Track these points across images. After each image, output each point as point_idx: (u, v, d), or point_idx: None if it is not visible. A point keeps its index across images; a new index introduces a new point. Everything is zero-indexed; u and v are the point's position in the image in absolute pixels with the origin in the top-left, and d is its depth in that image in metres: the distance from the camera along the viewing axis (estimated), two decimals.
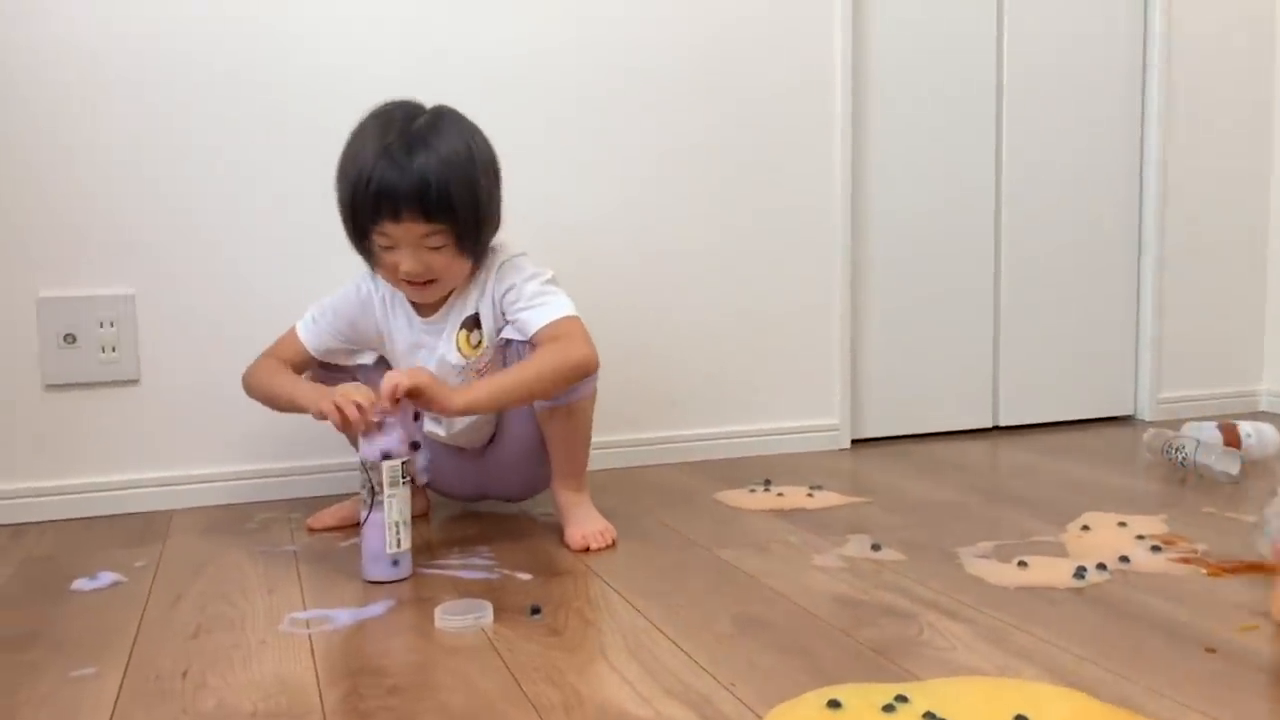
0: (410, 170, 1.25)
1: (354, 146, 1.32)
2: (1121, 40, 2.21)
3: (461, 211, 1.28)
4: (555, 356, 1.31)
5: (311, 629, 1.10)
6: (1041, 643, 1.02)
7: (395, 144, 1.26)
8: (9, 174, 1.55)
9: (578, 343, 1.32)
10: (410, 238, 1.28)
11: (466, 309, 1.40)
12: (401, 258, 1.30)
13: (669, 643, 1.04)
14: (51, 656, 1.04)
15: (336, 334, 1.44)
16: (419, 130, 1.28)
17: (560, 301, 1.35)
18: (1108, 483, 1.74)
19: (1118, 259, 2.26)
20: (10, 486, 1.58)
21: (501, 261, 1.39)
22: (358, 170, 1.28)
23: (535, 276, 1.37)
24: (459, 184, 1.27)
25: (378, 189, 1.25)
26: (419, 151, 1.26)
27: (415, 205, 1.26)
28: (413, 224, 1.27)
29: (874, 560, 1.30)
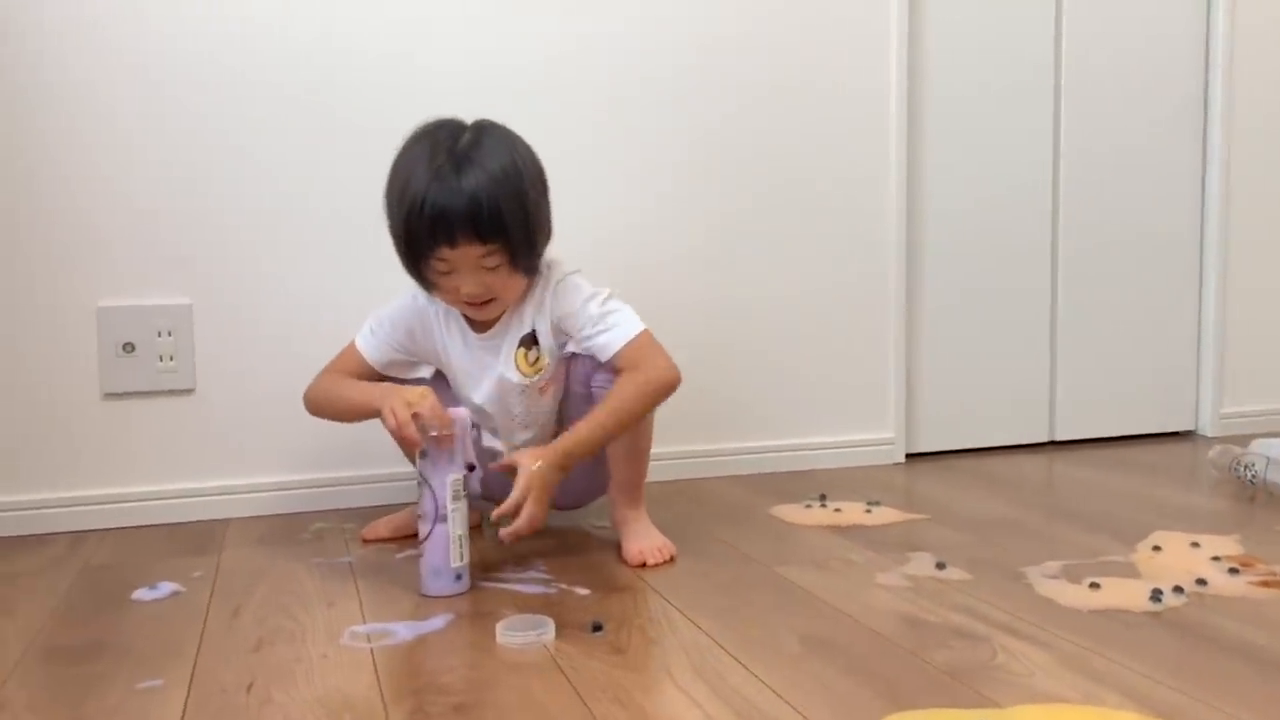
0: (462, 193, 1.23)
1: (402, 172, 1.29)
2: (1183, 38, 2.17)
3: (514, 229, 1.26)
4: (640, 386, 1.32)
5: (372, 643, 1.09)
6: (1124, 669, 0.99)
7: (445, 166, 1.24)
8: (70, 185, 1.57)
9: (658, 362, 1.33)
10: (467, 261, 1.27)
11: (523, 326, 1.38)
12: (461, 281, 1.29)
13: (735, 663, 1.01)
14: (117, 668, 1.03)
15: (396, 345, 1.42)
16: (465, 149, 1.26)
17: (627, 319, 1.35)
18: (1173, 500, 1.69)
19: (1179, 266, 2.21)
20: (69, 494, 1.59)
21: (558, 280, 1.37)
22: (410, 197, 1.25)
23: (594, 296, 1.36)
24: (509, 201, 1.25)
25: (432, 216, 1.24)
26: (468, 172, 1.24)
27: (470, 228, 1.24)
28: (469, 247, 1.25)
29: (939, 579, 1.27)
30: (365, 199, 1.66)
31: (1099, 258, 2.14)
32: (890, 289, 1.98)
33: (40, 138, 1.55)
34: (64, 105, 1.56)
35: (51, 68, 1.55)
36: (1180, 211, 2.20)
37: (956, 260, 2.04)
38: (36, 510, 1.57)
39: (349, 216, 1.68)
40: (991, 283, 2.07)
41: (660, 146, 1.83)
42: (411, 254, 1.29)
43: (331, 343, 1.62)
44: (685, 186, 1.85)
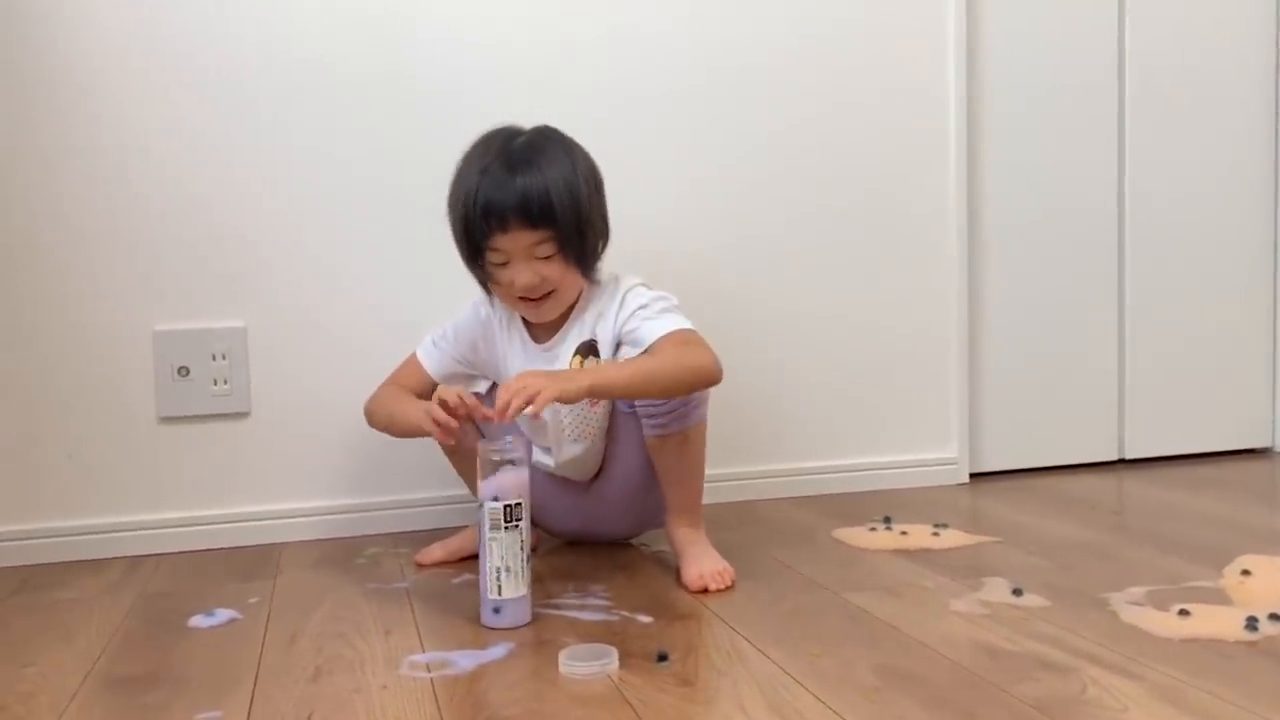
0: (513, 181, 1.27)
1: (460, 174, 1.34)
2: (1253, 41, 2.09)
3: (563, 215, 1.28)
4: (679, 355, 1.29)
5: (432, 673, 1.06)
6: (1223, 703, 0.93)
7: (496, 162, 1.29)
8: (128, 211, 1.57)
9: (701, 349, 1.30)
10: (519, 248, 1.29)
11: (583, 334, 1.37)
12: (516, 272, 1.30)
13: (810, 696, 0.97)
14: (175, 698, 1.01)
15: (458, 358, 1.44)
16: (518, 147, 1.31)
17: (681, 319, 1.34)
18: (1256, 521, 1.62)
19: (1253, 276, 2.13)
20: (125, 519, 1.59)
21: (626, 290, 1.37)
22: (465, 192, 1.30)
23: (659, 299, 1.36)
24: (559, 188, 1.28)
25: (484, 203, 1.27)
26: (519, 164, 1.28)
27: (519, 213, 1.27)
28: (519, 232, 1.27)
29: (1017, 606, 1.22)
30: (419, 218, 1.66)
31: (1168, 268, 2.07)
32: (952, 302, 1.92)
33: (97, 160, 1.56)
34: (122, 131, 1.56)
35: (107, 91, 1.56)
36: (1254, 219, 2.12)
37: (1020, 272, 1.98)
38: (93, 535, 1.57)
39: (402, 237, 1.67)
40: (1056, 295, 2.01)
41: (720, 156, 1.80)
42: (469, 247, 1.32)
43: (385, 363, 1.60)
44: (741, 197, 1.81)
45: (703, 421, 1.37)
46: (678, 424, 1.33)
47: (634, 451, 1.39)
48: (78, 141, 1.55)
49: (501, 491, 1.18)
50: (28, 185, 1.54)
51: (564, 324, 1.39)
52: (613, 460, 1.43)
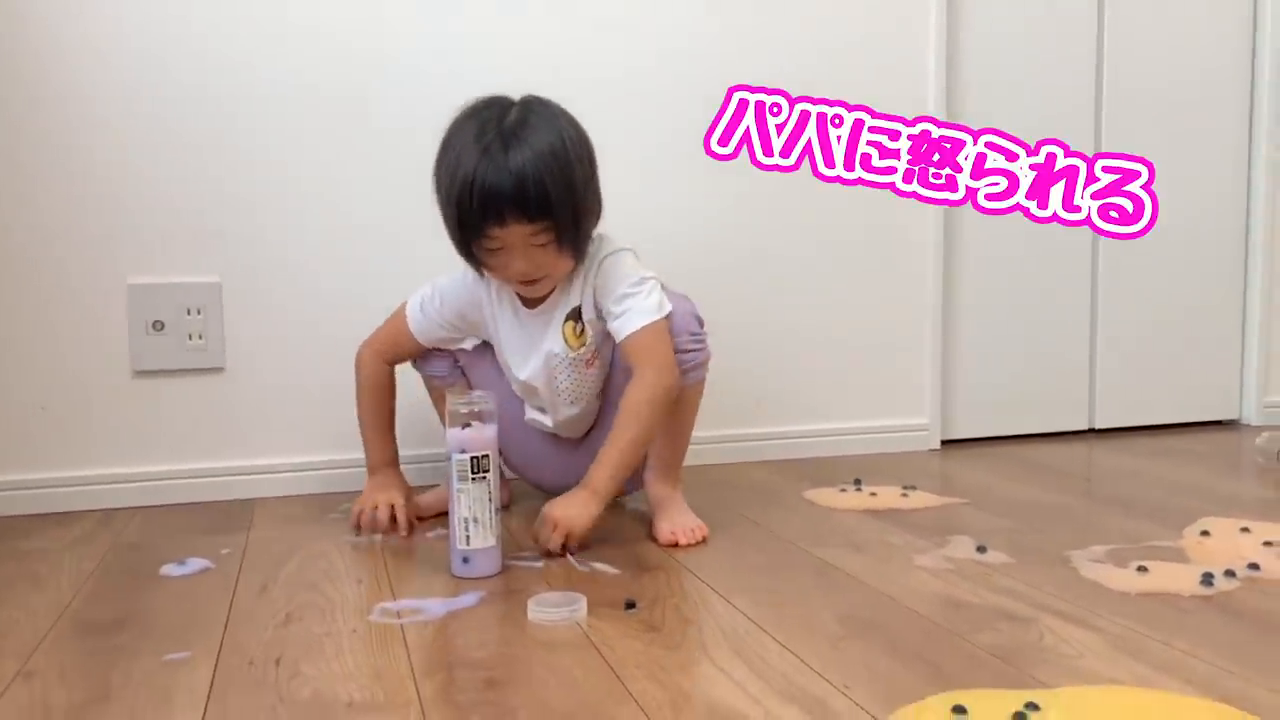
0: (510, 172, 1.22)
1: (451, 151, 1.28)
2: (1226, 33, 2.11)
3: (561, 208, 1.25)
4: (645, 405, 1.29)
5: (403, 619, 1.07)
6: (1176, 652, 0.95)
7: (493, 145, 1.23)
8: (100, 163, 1.56)
9: (655, 365, 1.30)
10: (517, 239, 1.26)
11: (570, 301, 1.37)
12: (511, 259, 1.28)
13: (775, 643, 0.99)
14: (144, 640, 1.02)
15: (444, 324, 1.43)
16: (512, 127, 1.25)
17: (643, 305, 1.31)
18: (1219, 488, 1.65)
19: (1223, 251, 2.16)
20: (99, 472, 1.58)
21: (604, 256, 1.35)
22: (460, 178, 1.24)
23: (627, 278, 1.33)
24: (556, 179, 1.24)
25: (482, 196, 1.23)
26: (515, 150, 1.23)
27: (518, 208, 1.23)
28: (517, 226, 1.24)
29: (980, 562, 1.24)
30: (397, 178, 1.66)
31: (1141, 242, 2.08)
32: (927, 272, 1.94)
33: (70, 118, 1.55)
34: (96, 84, 1.55)
35: (80, 48, 1.54)
36: (1225, 196, 2.15)
37: (994, 244, 2.00)
38: (66, 488, 1.57)
39: (381, 195, 1.66)
40: (1029, 267, 2.03)
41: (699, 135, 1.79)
42: (462, 233, 1.28)
43: (361, 322, 1.60)
44: (719, 172, 1.81)
45: (699, 383, 1.39)
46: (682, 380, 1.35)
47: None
48: (51, 94, 1.54)
49: (469, 444, 1.18)
50: (0, 139, 1.53)
51: (553, 291, 1.37)
52: (605, 417, 1.43)
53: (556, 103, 1.32)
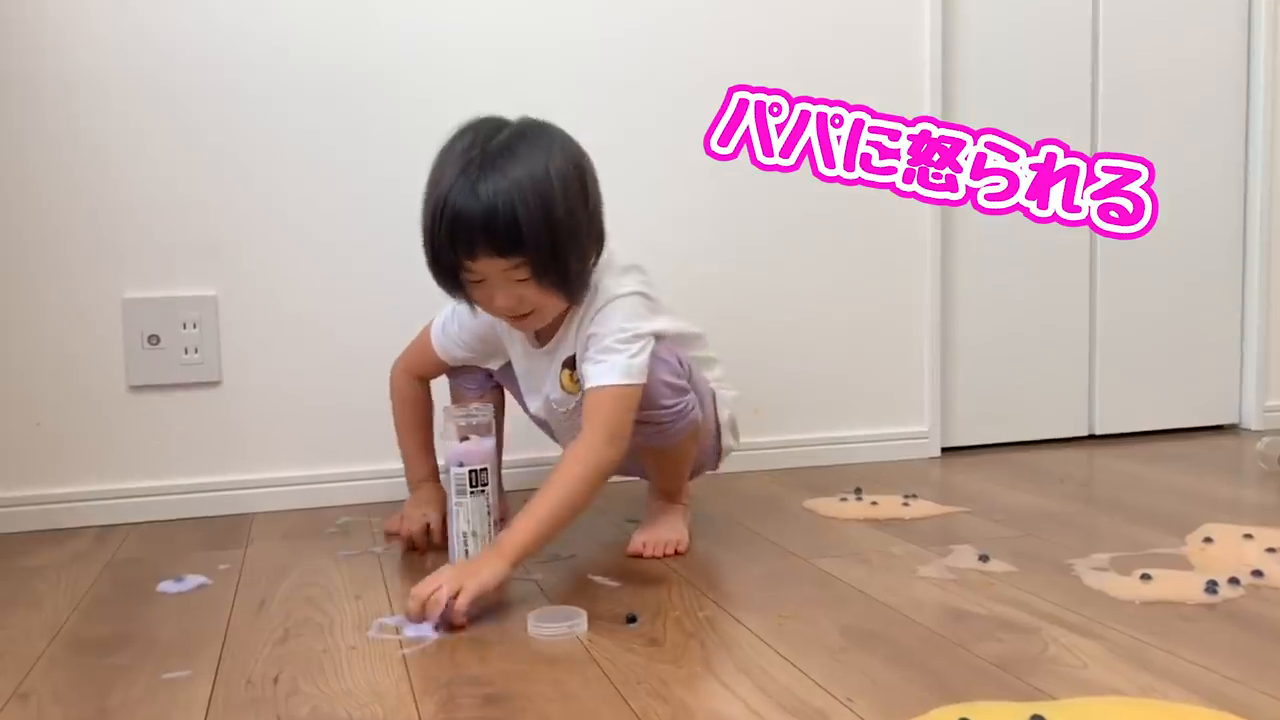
0: (479, 202, 1.13)
1: (435, 172, 1.20)
2: (1223, 32, 2.11)
3: (535, 243, 1.14)
4: (578, 476, 1.17)
5: (401, 634, 1.06)
6: (1181, 661, 0.94)
7: (471, 168, 1.14)
8: (95, 177, 1.56)
9: (600, 433, 1.18)
10: (493, 271, 1.17)
11: (568, 348, 1.30)
12: (492, 294, 1.19)
13: (777, 656, 0.98)
14: (142, 659, 1.01)
15: (464, 345, 1.40)
16: (494, 152, 1.15)
17: (617, 364, 1.20)
18: (1220, 494, 1.64)
19: (1222, 256, 2.16)
20: (95, 488, 1.57)
21: (605, 303, 1.25)
22: (433, 202, 1.16)
23: (620, 331, 1.22)
24: (531, 213, 1.13)
25: (450, 225, 1.14)
26: (491, 177, 1.13)
27: (486, 241, 1.14)
28: (489, 260, 1.15)
29: (983, 571, 1.23)
30: (393, 191, 1.65)
31: (1139, 247, 2.08)
32: (926, 280, 1.94)
33: (66, 130, 1.54)
34: (90, 98, 1.55)
35: (76, 59, 1.54)
36: (1223, 200, 2.15)
37: (993, 250, 2.00)
38: (62, 504, 1.56)
39: (376, 208, 1.66)
40: (1029, 273, 2.03)
41: (696, 142, 1.79)
42: (438, 264, 1.19)
43: (358, 336, 1.61)
44: (715, 178, 1.81)
45: (689, 436, 1.32)
46: (660, 440, 1.29)
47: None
48: (44, 113, 1.53)
49: (467, 457, 1.18)
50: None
51: (563, 323, 1.29)
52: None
53: (558, 128, 1.23)
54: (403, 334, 1.50)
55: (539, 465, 1.65)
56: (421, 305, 1.66)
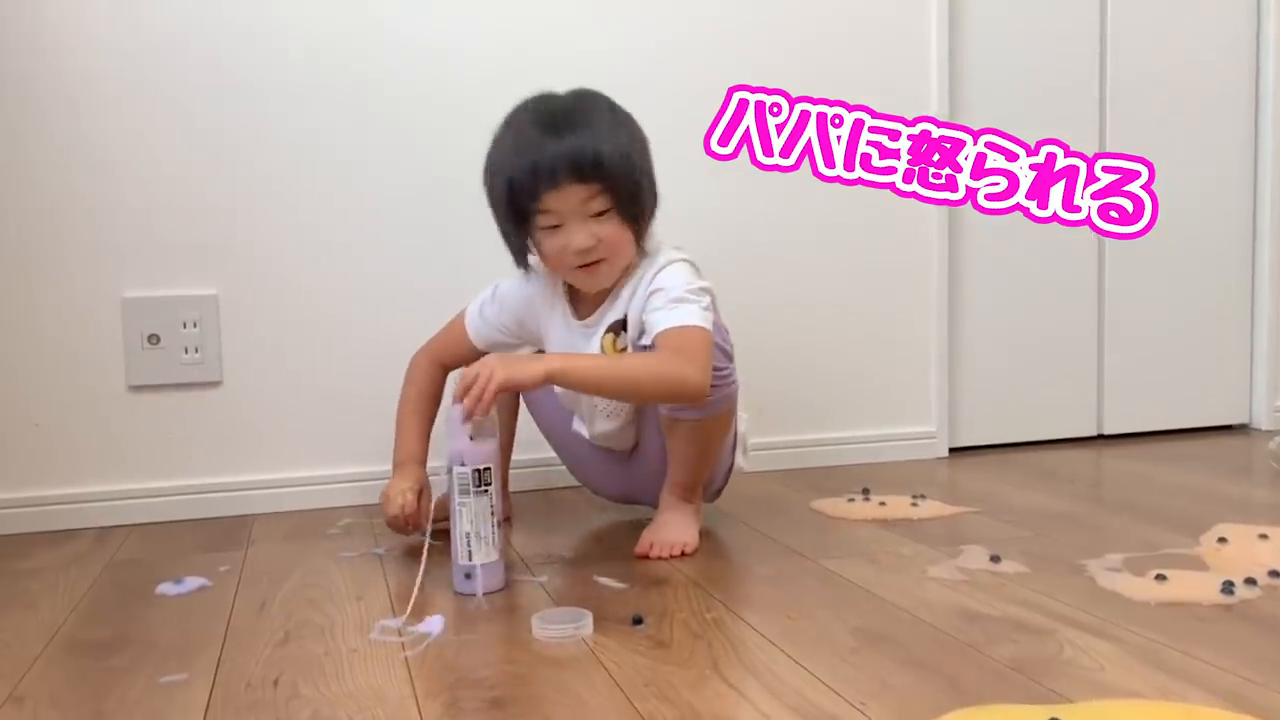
0: (559, 136, 1.22)
1: (501, 140, 1.29)
2: (1230, 32, 2.10)
3: (614, 167, 1.23)
4: (661, 365, 1.21)
5: (404, 636, 1.04)
6: (1198, 662, 0.92)
7: (539, 121, 1.24)
8: (95, 177, 1.54)
9: (691, 361, 1.21)
10: (572, 206, 1.23)
11: (615, 312, 1.32)
12: (570, 235, 1.24)
13: (786, 658, 0.96)
14: (140, 661, 1.00)
15: (502, 328, 1.40)
16: (561, 107, 1.27)
17: (692, 310, 1.25)
18: (1232, 493, 1.62)
19: (1231, 255, 2.14)
20: (94, 489, 1.56)
21: (659, 267, 1.30)
22: (511, 155, 1.25)
23: (688, 284, 1.27)
24: (609, 144, 1.23)
25: (533, 161, 1.22)
26: (564, 121, 1.24)
27: (571, 167, 1.21)
28: (571, 188, 1.22)
29: (994, 572, 1.21)
30: (395, 191, 1.64)
31: (1147, 247, 2.05)
32: (933, 280, 1.92)
33: (65, 130, 1.53)
34: (89, 97, 1.53)
35: (75, 58, 1.52)
36: (1232, 199, 2.13)
37: (1000, 249, 1.98)
38: (61, 505, 1.54)
39: (378, 208, 1.64)
40: (1036, 272, 2.01)
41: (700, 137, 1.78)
42: (515, 212, 1.25)
43: (359, 335, 1.59)
44: (725, 180, 1.79)
45: (725, 414, 1.33)
46: (691, 411, 1.29)
47: (658, 433, 1.37)
48: (44, 112, 1.52)
49: (470, 457, 1.16)
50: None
51: (606, 299, 1.33)
52: (644, 439, 1.40)
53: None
54: (404, 332, 1.48)
55: (546, 466, 1.64)
56: (423, 304, 1.66)
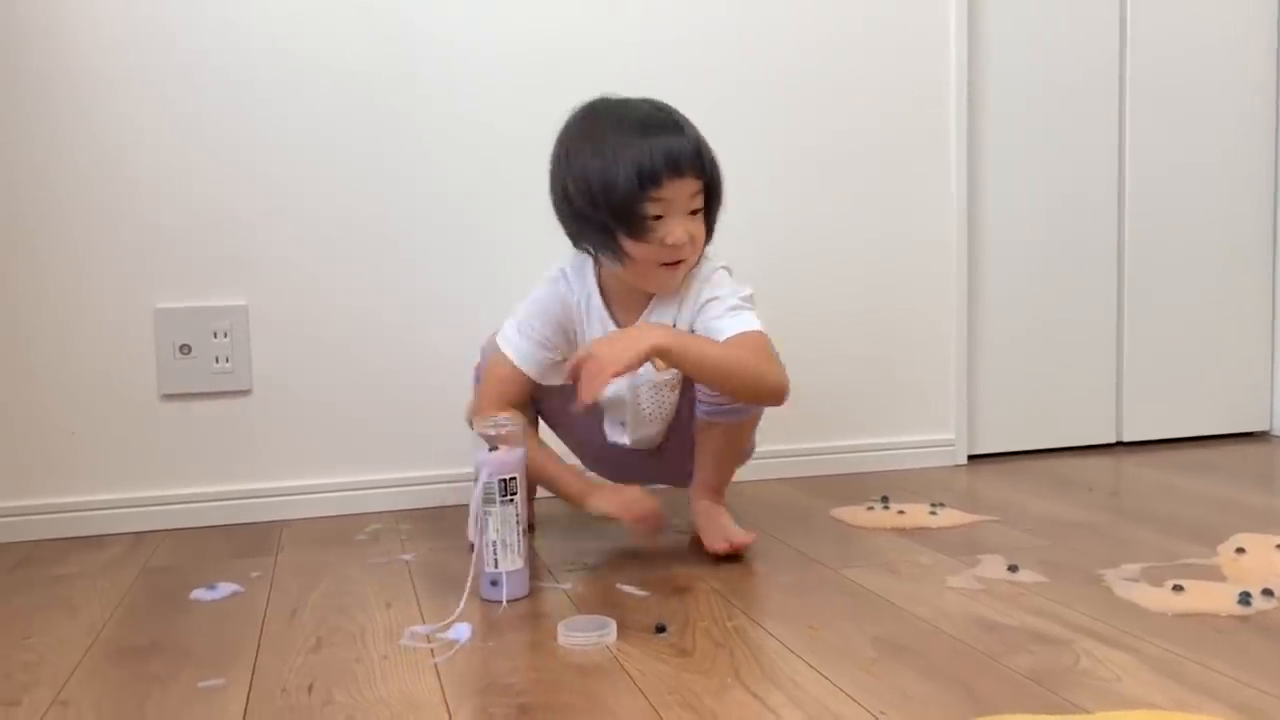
0: (679, 129, 1.26)
1: (595, 135, 1.27)
2: (1253, 28, 2.10)
3: (712, 169, 1.29)
4: (758, 361, 1.26)
5: (433, 643, 1.07)
6: (1215, 674, 0.94)
7: (637, 122, 1.26)
8: (128, 190, 1.58)
9: (773, 362, 1.28)
10: (683, 198, 1.26)
11: (662, 317, 1.34)
12: (671, 227, 1.25)
13: (807, 667, 0.98)
14: (177, 667, 1.02)
15: (547, 344, 1.36)
16: (647, 110, 1.29)
17: (752, 317, 1.31)
18: (1252, 502, 1.63)
19: (1251, 260, 2.14)
20: (128, 495, 1.59)
21: (713, 269, 1.35)
22: (624, 145, 1.23)
23: (737, 292, 1.33)
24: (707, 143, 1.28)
25: (664, 149, 1.23)
26: (663, 120, 1.27)
27: (693, 157, 1.25)
28: (690, 179, 1.25)
29: (1012, 582, 1.22)
30: (425, 200, 1.67)
31: (1167, 251, 2.07)
32: (951, 286, 1.93)
33: (98, 139, 1.56)
34: (122, 106, 1.57)
35: (109, 67, 1.56)
36: (1252, 203, 2.13)
37: (1019, 256, 1.99)
38: (96, 511, 1.58)
39: (407, 220, 1.67)
40: (1055, 278, 2.02)
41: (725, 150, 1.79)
42: (621, 204, 1.23)
43: (387, 343, 1.61)
44: (741, 185, 1.81)
45: (757, 416, 1.38)
46: (732, 416, 1.33)
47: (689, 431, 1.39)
48: (77, 123, 1.55)
49: (496, 467, 1.18)
50: (29, 166, 1.54)
51: (648, 304, 1.35)
52: (674, 434, 1.42)
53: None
54: (432, 341, 1.51)
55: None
56: (451, 312, 1.69)
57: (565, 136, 1.31)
